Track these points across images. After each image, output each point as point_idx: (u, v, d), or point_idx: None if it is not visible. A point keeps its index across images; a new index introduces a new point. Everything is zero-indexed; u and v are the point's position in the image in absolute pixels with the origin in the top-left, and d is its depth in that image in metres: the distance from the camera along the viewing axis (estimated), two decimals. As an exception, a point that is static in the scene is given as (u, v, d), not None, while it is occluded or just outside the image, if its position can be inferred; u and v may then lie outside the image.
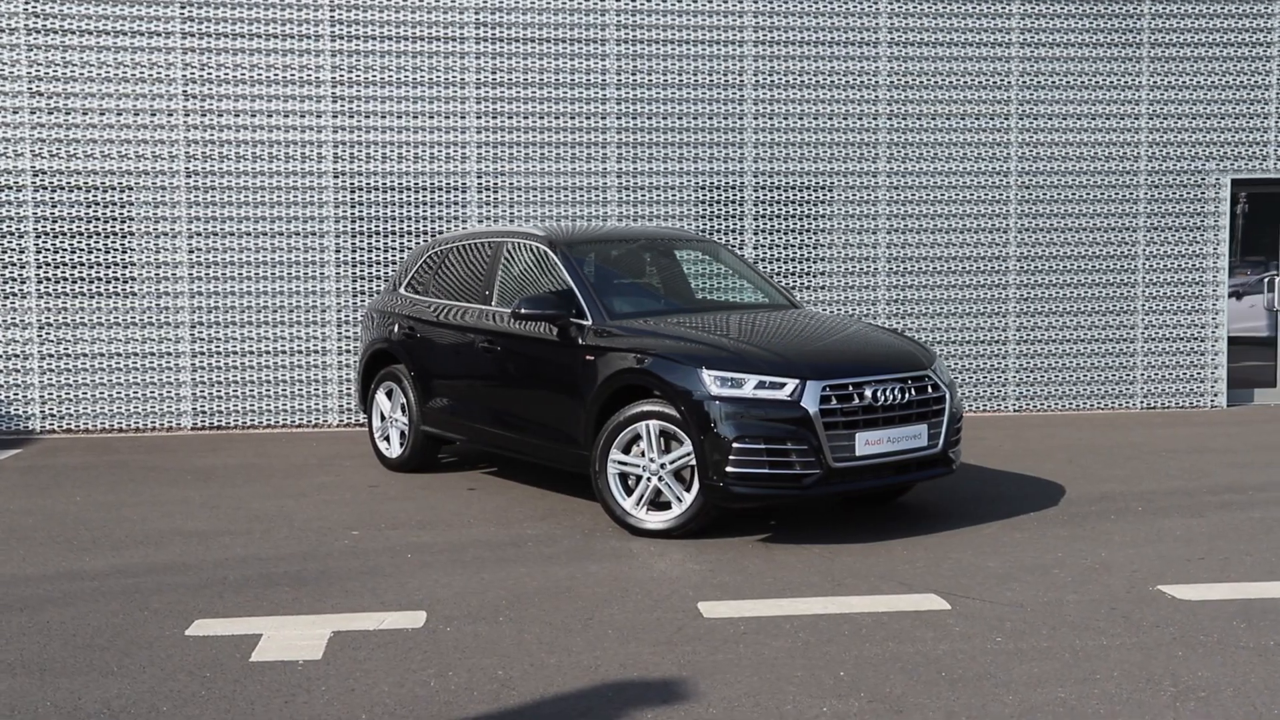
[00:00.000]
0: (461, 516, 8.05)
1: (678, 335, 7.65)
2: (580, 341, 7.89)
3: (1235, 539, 7.33)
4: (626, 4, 11.96)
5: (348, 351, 11.87)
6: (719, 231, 12.23)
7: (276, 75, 11.67)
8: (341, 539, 7.45)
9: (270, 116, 11.69)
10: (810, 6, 12.17)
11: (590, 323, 7.91)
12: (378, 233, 11.87)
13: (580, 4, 11.93)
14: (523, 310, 8.03)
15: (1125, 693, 4.86)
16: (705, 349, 7.39)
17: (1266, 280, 13.28)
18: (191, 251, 11.67)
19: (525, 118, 11.94)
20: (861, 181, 12.36)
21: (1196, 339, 12.81)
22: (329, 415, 11.90)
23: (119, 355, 11.65)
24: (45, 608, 6.07)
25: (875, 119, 12.33)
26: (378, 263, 11.86)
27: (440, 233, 11.80)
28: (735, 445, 6.98)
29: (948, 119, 12.40)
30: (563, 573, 6.65)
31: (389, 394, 9.62)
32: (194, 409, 11.73)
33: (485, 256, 9.05)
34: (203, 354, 11.73)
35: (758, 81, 12.17)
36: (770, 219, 12.27)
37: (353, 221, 11.85)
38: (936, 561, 6.83)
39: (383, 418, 9.70)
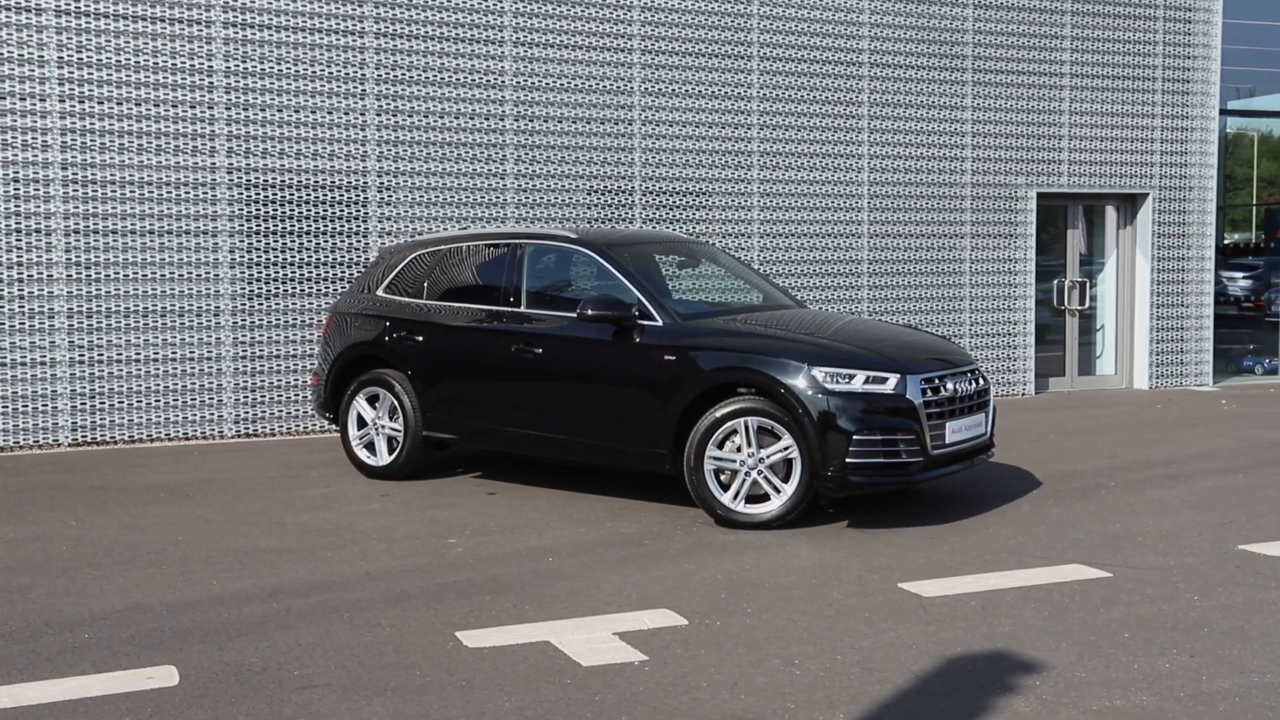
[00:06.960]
0: (529, 520, 7.96)
1: (767, 334, 7.94)
2: (650, 342, 7.99)
3: (1226, 507, 8.42)
4: (524, 6, 11.96)
5: (244, 358, 11.18)
6: (610, 234, 12.45)
7: (164, 61, 10.84)
8: (448, 548, 7.23)
9: (157, 106, 10.84)
10: (691, 19, 12.63)
11: (661, 323, 8.04)
12: (275, 232, 11.26)
13: (479, 4, 11.82)
14: (590, 312, 8.04)
15: (1364, 631, 5.71)
16: (807, 346, 7.72)
17: (1055, 283, 14.99)
18: (69, 251, 10.63)
19: (425, 116, 11.69)
20: (737, 188, 12.96)
21: (1011, 334, 14.30)
22: (223, 426, 11.16)
23: (-16, 366, 10.46)
24: (268, 631, 5.63)
25: (749, 129, 12.96)
26: (275, 264, 11.25)
27: (417, 234, 11.35)
28: (855, 438, 7.38)
29: (810, 131, 13.22)
30: (731, 566, 6.81)
31: (372, 399, 9.26)
32: (72, 423, 10.68)
33: (502, 259, 8.92)
34: (82, 363, 10.70)
35: (645, 89, 12.49)
36: (657, 222, 12.63)
37: (247, 220, 11.18)
38: (1031, 537, 7.51)
39: (361, 424, 9.33)
